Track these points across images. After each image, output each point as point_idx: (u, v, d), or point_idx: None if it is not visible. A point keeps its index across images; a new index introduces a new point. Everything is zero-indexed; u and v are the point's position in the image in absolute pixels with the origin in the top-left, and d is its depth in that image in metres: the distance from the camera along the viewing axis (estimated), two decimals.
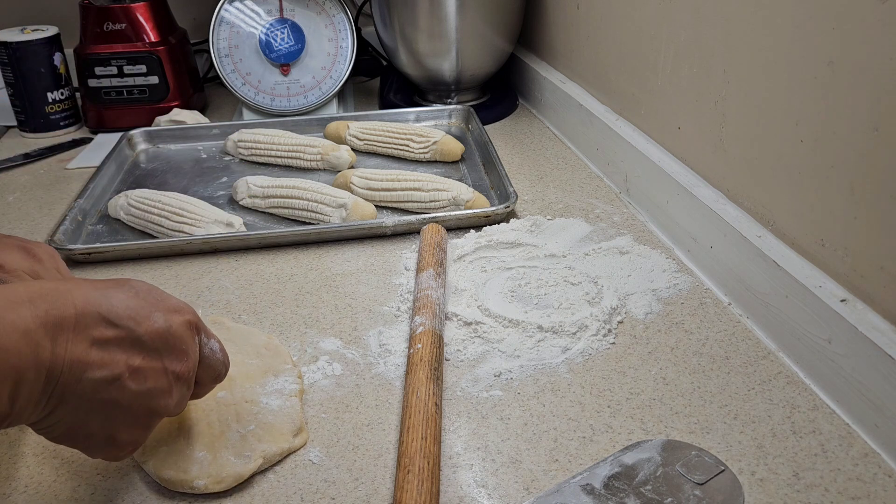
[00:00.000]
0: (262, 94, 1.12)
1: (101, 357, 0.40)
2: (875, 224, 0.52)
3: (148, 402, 0.43)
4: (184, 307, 0.45)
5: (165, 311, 0.43)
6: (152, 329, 0.42)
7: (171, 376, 0.43)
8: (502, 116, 1.15)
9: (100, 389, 0.40)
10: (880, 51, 0.50)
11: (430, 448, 0.49)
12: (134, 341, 0.41)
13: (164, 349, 0.43)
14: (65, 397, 0.39)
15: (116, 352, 0.41)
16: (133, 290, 0.43)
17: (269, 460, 0.51)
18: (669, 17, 0.76)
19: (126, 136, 1.03)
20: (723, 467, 0.49)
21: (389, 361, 0.61)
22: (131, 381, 0.41)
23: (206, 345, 0.47)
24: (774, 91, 0.61)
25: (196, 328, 0.46)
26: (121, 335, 0.41)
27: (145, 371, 0.42)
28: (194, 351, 0.45)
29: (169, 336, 0.43)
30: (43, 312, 0.38)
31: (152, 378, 0.42)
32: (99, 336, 0.40)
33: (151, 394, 0.43)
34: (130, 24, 1.11)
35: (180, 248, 0.77)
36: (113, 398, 0.41)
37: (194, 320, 0.45)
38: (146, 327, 0.42)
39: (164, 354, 0.43)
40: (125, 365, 0.41)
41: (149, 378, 0.42)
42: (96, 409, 0.41)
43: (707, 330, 0.64)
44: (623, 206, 0.86)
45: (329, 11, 1.12)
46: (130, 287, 0.43)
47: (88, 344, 0.40)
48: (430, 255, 0.71)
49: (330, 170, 0.96)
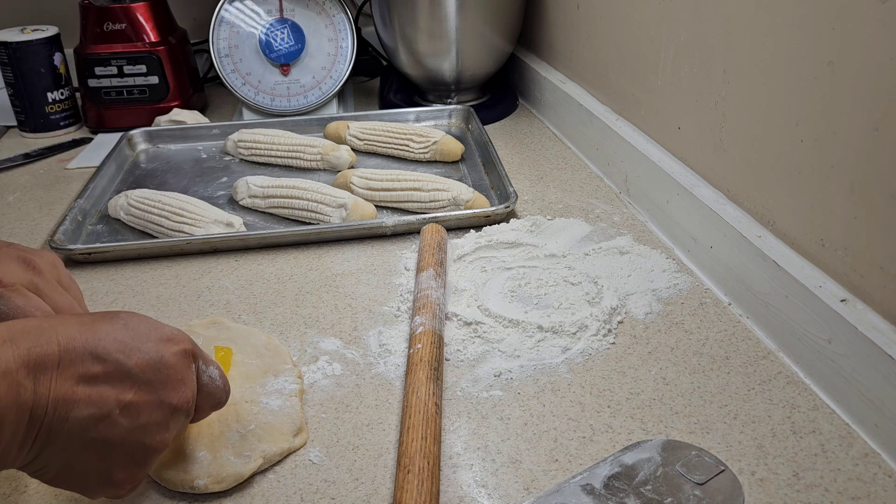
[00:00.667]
0: (262, 94, 1.12)
1: (88, 394, 0.39)
2: (875, 224, 0.52)
3: (142, 437, 0.41)
4: (178, 335, 0.44)
5: (157, 341, 0.42)
6: (143, 361, 0.41)
7: (166, 408, 0.42)
8: (502, 116, 1.15)
9: (89, 428, 0.39)
10: (880, 51, 0.50)
11: (430, 448, 0.49)
12: (124, 375, 0.40)
13: (157, 381, 0.41)
14: (52, 438, 0.38)
15: (105, 388, 0.39)
16: (122, 322, 0.42)
17: (269, 460, 0.51)
18: (669, 17, 0.76)
19: (126, 136, 1.03)
20: (723, 467, 0.49)
21: (389, 361, 0.61)
22: (123, 417, 0.40)
23: (204, 372, 0.46)
24: (774, 91, 0.61)
25: (193, 356, 0.44)
26: (109, 370, 0.39)
27: (138, 405, 0.41)
28: (191, 380, 0.44)
29: (162, 366, 0.42)
30: (25, 351, 0.37)
31: (146, 412, 0.41)
32: (85, 372, 0.39)
33: (146, 429, 0.41)
34: (130, 24, 1.11)
35: (180, 248, 0.77)
36: (104, 436, 0.40)
37: (190, 348, 0.44)
38: (136, 359, 0.41)
39: (157, 386, 0.41)
40: (115, 401, 0.40)
41: (142, 412, 0.41)
42: (87, 449, 0.40)
43: (707, 330, 0.64)
44: (623, 206, 0.86)
45: (329, 11, 1.12)
46: (119, 319, 0.42)
47: (74, 381, 0.38)
48: (430, 255, 0.71)
49: (330, 170, 0.96)
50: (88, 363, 0.39)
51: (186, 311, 0.69)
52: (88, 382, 0.39)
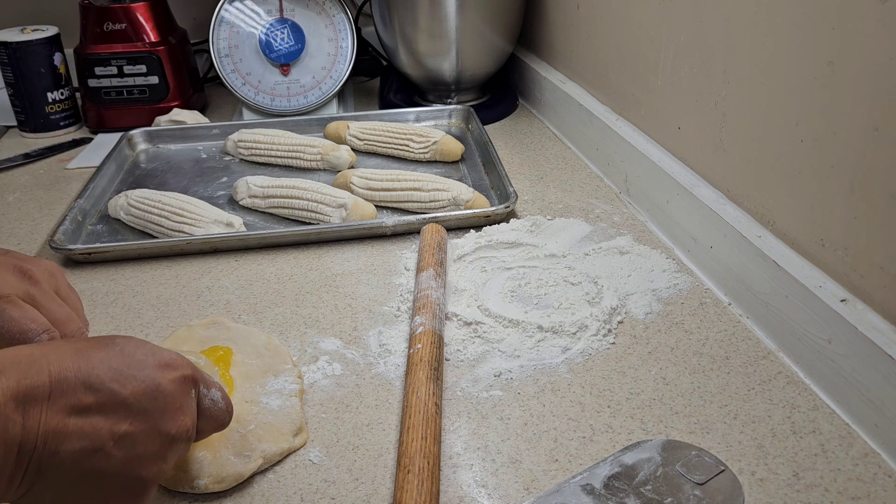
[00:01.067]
0: (262, 94, 1.12)
1: (80, 426, 0.37)
2: (875, 224, 0.52)
3: (138, 469, 0.40)
4: (176, 361, 0.42)
5: (154, 367, 0.41)
6: (139, 389, 0.39)
7: (164, 438, 0.41)
8: (502, 116, 1.15)
9: (82, 461, 0.37)
10: (880, 51, 0.50)
11: (430, 448, 0.49)
12: (119, 405, 0.39)
13: (154, 410, 0.40)
14: (42, 472, 0.37)
15: (98, 419, 0.38)
16: (118, 348, 0.40)
17: (269, 460, 0.51)
18: (669, 17, 0.76)
19: (126, 136, 1.03)
20: (723, 467, 0.49)
21: (389, 361, 0.61)
22: (117, 448, 0.38)
23: (206, 396, 0.44)
24: (774, 91, 0.61)
25: (192, 381, 0.43)
26: (102, 400, 0.38)
27: (133, 436, 0.39)
28: (190, 407, 0.43)
29: (158, 395, 0.40)
30: (14, 383, 0.36)
31: (142, 443, 0.40)
32: (77, 403, 0.37)
33: (142, 460, 0.40)
34: (130, 24, 1.11)
35: (180, 248, 0.77)
36: (98, 469, 0.38)
37: (189, 374, 0.43)
38: (132, 388, 0.39)
39: (154, 416, 0.40)
40: (109, 432, 0.38)
41: (138, 443, 0.39)
42: (81, 482, 0.38)
43: (707, 330, 0.64)
44: (623, 206, 0.86)
45: (329, 11, 1.12)
46: (115, 345, 0.40)
47: (66, 413, 0.37)
48: (430, 255, 0.71)
49: (330, 170, 0.96)
50: (81, 393, 0.38)
51: (186, 311, 0.69)
52: (80, 414, 0.37)
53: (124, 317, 0.68)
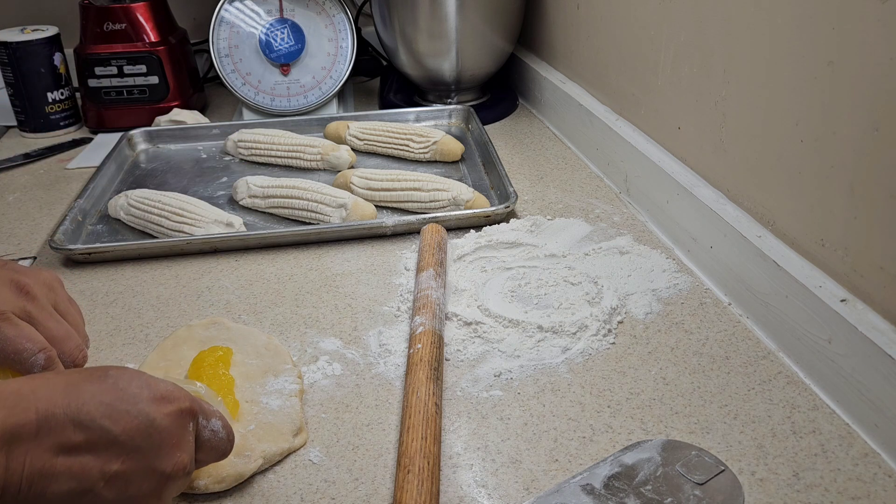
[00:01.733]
0: (262, 94, 1.12)
1: (68, 466, 0.35)
2: (875, 224, 0.52)
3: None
4: (173, 393, 0.40)
5: (150, 401, 0.39)
6: (132, 426, 0.37)
7: (159, 477, 0.39)
8: (502, 116, 1.15)
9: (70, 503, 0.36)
10: (880, 51, 0.50)
11: (430, 448, 0.49)
12: (110, 443, 0.37)
13: (148, 447, 0.38)
14: None
15: (88, 458, 0.36)
16: (111, 380, 0.38)
17: (270, 460, 0.51)
18: (669, 17, 0.76)
19: (126, 136, 1.03)
20: (723, 467, 0.49)
21: (389, 361, 0.61)
22: (108, 489, 0.37)
23: (205, 427, 0.42)
24: (774, 91, 0.61)
25: (190, 414, 0.41)
26: (93, 438, 0.36)
27: (126, 475, 0.37)
28: (188, 441, 0.41)
29: (153, 431, 0.38)
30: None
31: (136, 483, 0.38)
32: (66, 442, 0.35)
33: (135, 500, 0.38)
34: (130, 24, 1.11)
35: (180, 248, 0.77)
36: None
37: (187, 407, 0.41)
38: (124, 425, 0.37)
39: (148, 453, 0.38)
40: (99, 472, 0.36)
41: (131, 483, 0.37)
42: None
43: (707, 330, 0.64)
44: (623, 206, 0.86)
45: (329, 11, 1.12)
46: (108, 377, 0.38)
47: (53, 452, 0.35)
48: (430, 255, 0.71)
49: (330, 170, 0.96)
50: (70, 431, 0.36)
51: (186, 311, 0.69)
52: (69, 453, 0.36)
53: (124, 317, 0.68)
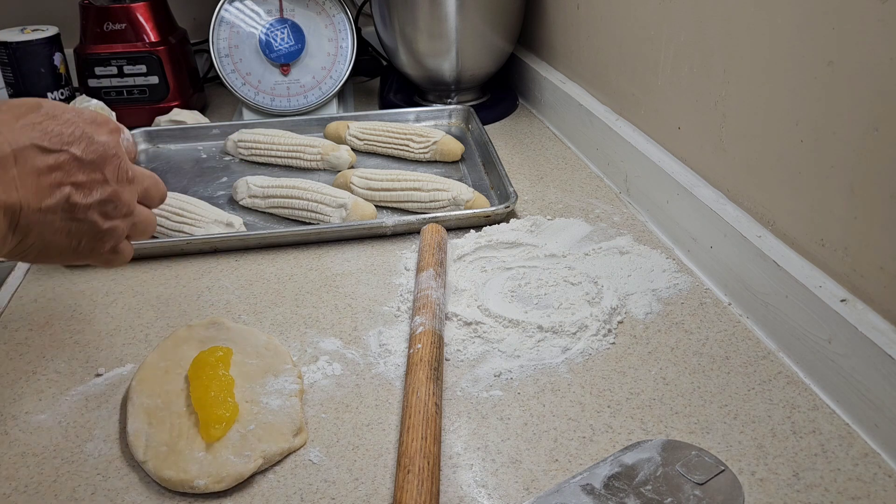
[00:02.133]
0: (262, 94, 1.12)
1: (48, 182, 0.45)
2: (875, 224, 0.52)
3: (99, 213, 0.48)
4: (101, 116, 0.49)
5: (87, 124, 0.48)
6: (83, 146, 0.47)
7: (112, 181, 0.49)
8: (502, 116, 1.15)
9: (56, 211, 0.46)
10: (880, 51, 0.50)
11: (430, 448, 0.49)
12: (72, 161, 0.46)
13: (99, 160, 0.48)
14: (30, 227, 0.45)
15: (59, 175, 0.45)
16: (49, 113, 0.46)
17: (269, 460, 0.51)
18: (669, 17, 0.76)
19: None
20: (723, 467, 0.49)
21: (389, 361, 0.61)
22: (79, 195, 0.46)
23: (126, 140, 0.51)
24: (774, 91, 0.61)
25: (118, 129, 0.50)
26: (60, 159, 0.45)
27: (88, 184, 0.47)
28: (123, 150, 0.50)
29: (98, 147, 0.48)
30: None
31: (96, 189, 0.48)
32: (42, 165, 0.44)
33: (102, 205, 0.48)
34: (130, 24, 1.11)
35: (180, 248, 0.77)
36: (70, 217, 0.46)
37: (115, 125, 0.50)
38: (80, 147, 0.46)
39: (100, 164, 0.48)
40: (70, 184, 0.46)
41: (94, 190, 0.47)
42: (60, 230, 0.47)
43: (707, 330, 0.64)
44: (623, 206, 0.86)
45: (329, 11, 1.12)
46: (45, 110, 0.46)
47: (35, 175, 0.44)
48: (430, 255, 0.71)
49: (330, 170, 0.96)
50: (41, 157, 0.44)
51: (186, 311, 0.69)
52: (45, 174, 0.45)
53: (124, 317, 0.68)
